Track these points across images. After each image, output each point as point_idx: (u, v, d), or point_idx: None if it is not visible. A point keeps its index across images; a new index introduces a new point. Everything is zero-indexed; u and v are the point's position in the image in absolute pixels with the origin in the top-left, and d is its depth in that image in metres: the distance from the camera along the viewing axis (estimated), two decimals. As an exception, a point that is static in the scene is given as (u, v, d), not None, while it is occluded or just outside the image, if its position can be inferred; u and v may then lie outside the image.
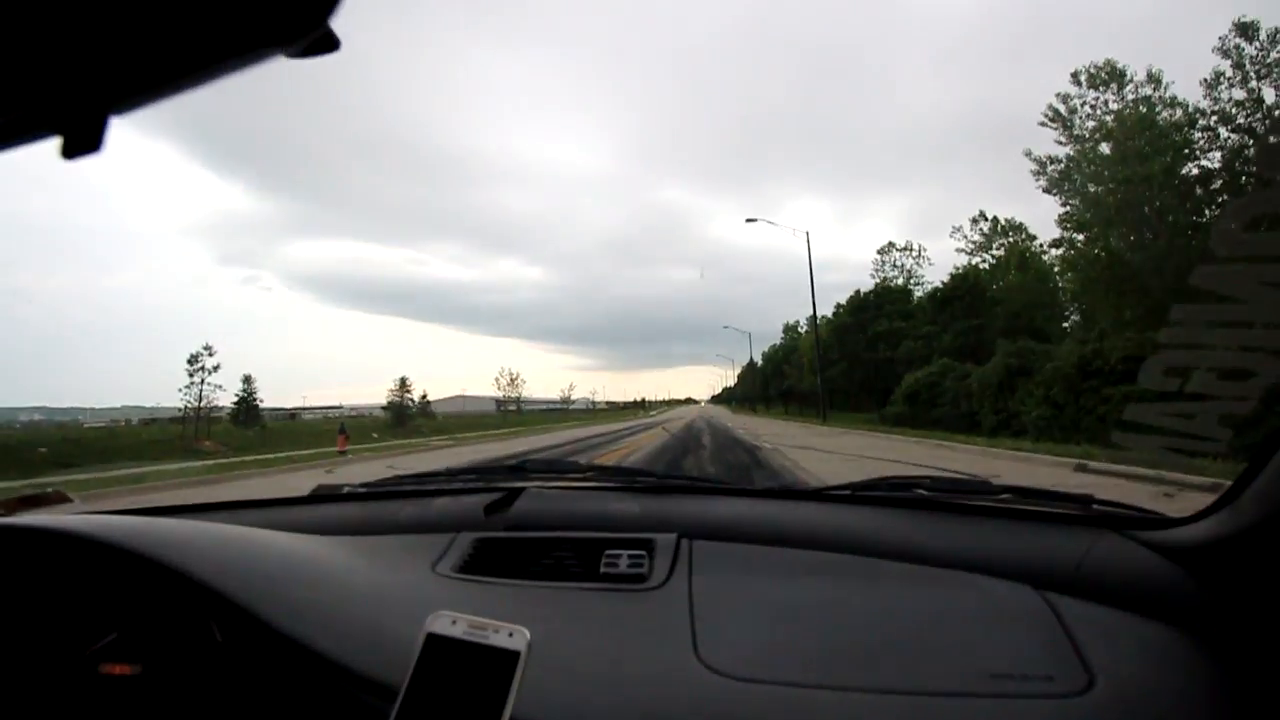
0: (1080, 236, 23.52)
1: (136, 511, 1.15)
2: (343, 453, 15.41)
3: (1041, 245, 30.30)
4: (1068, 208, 23.64)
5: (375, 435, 27.29)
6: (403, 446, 18.98)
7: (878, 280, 42.29)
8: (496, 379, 60.69)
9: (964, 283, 29.79)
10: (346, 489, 1.34)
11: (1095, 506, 0.99)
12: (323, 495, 1.34)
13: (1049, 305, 28.10)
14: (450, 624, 0.62)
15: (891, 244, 41.37)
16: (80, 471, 13.41)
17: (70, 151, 0.32)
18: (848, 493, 1.18)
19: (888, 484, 1.17)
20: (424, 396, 49.07)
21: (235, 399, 32.96)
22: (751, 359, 79.55)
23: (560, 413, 73.13)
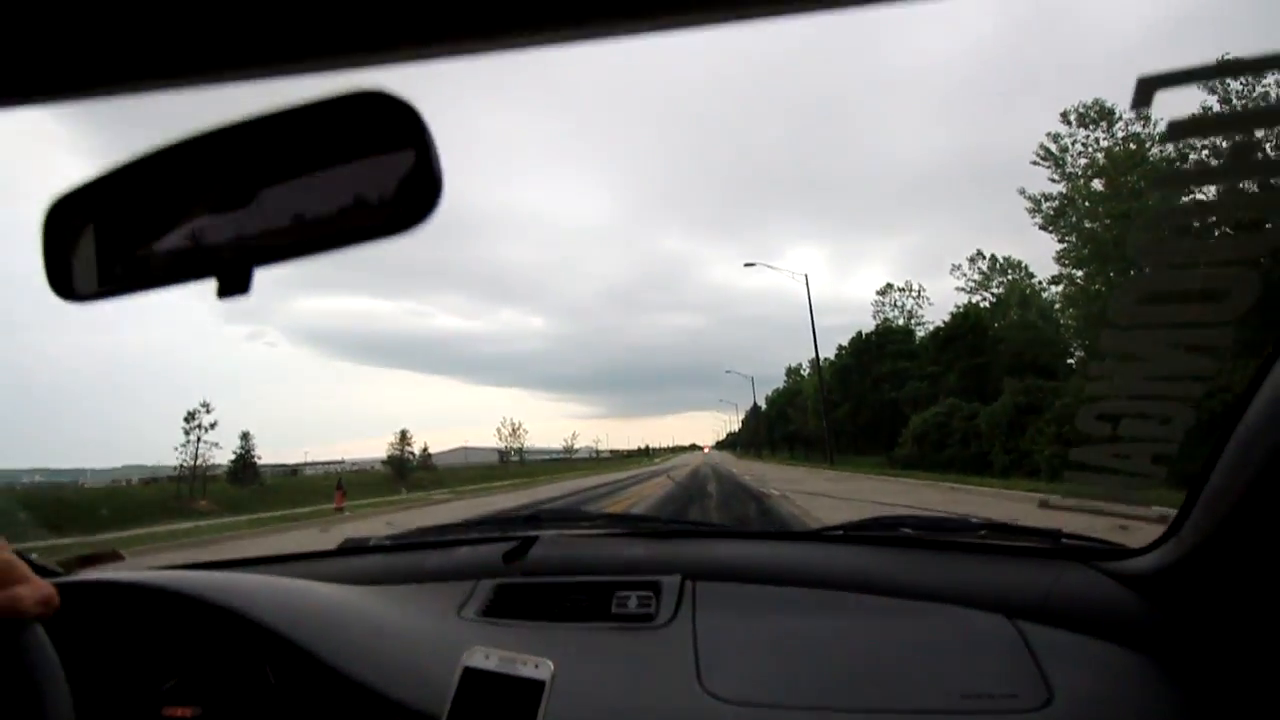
0: (1079, 273, 23.43)
1: (193, 567, 1.25)
2: (340, 509, 15.19)
3: (1041, 282, 30.45)
4: (1065, 244, 23.64)
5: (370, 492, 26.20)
6: (402, 502, 18.93)
7: (878, 321, 42.07)
8: (498, 429, 59.66)
9: (965, 321, 29.78)
10: (373, 542, 1.43)
11: (1064, 540, 1.07)
12: (351, 548, 1.43)
13: (1052, 342, 27.59)
14: (484, 658, 0.71)
15: (890, 285, 42.01)
16: (62, 536, 12.61)
17: (224, 292, 0.42)
18: (840, 533, 1.27)
19: (877, 524, 1.26)
20: (425, 449, 47.85)
21: (233, 456, 32.72)
22: (755, 404, 78.21)
23: (563, 462, 71.81)
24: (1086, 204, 22.52)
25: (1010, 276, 33.68)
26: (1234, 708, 0.74)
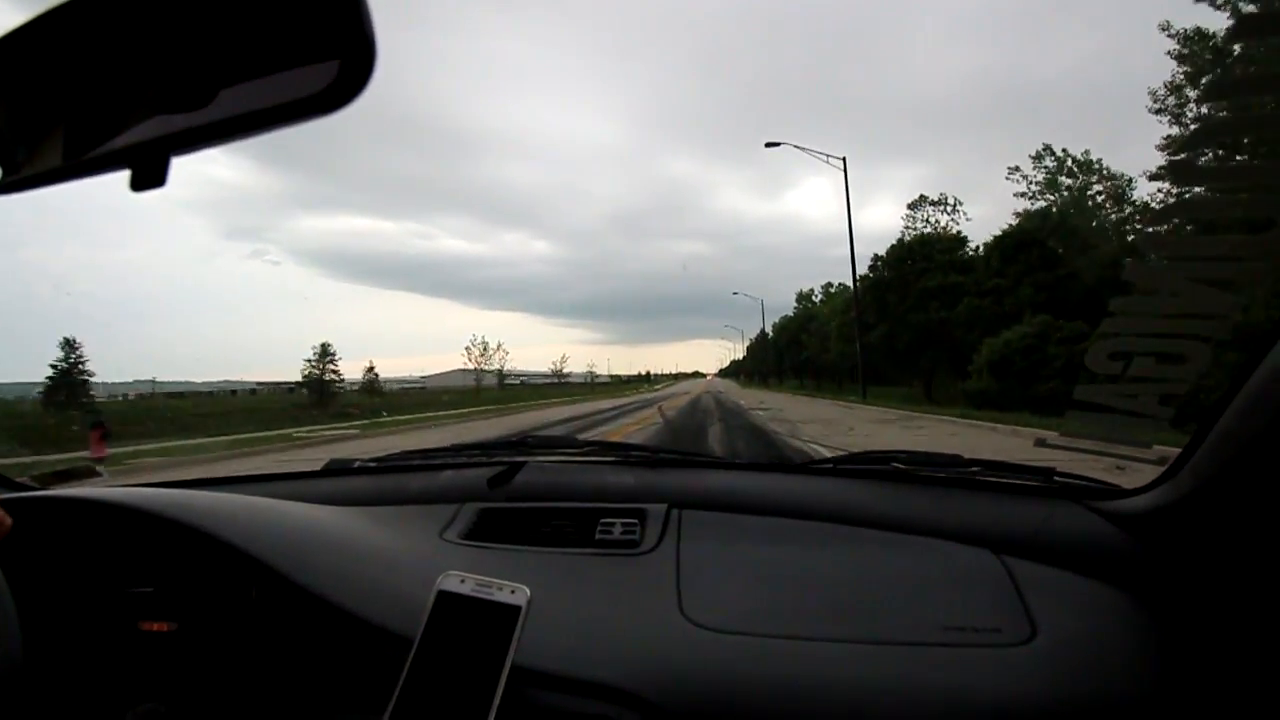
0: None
1: (165, 485, 1.24)
2: (98, 460, 7.88)
3: (1132, 180, 24.54)
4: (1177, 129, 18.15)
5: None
6: (259, 443, 12.69)
7: (910, 233, 34.60)
8: (467, 349, 49.70)
9: (1045, 223, 24.14)
10: (358, 463, 1.42)
11: (1056, 479, 1.05)
12: (335, 469, 1.42)
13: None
14: (459, 582, 0.70)
15: (924, 197, 33.38)
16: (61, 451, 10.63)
17: (138, 185, 0.37)
18: (830, 465, 1.25)
19: (867, 457, 1.25)
20: (370, 369, 39.87)
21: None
22: (763, 330, 73.65)
23: (552, 388, 66.80)
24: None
25: (1082, 179, 26.81)
26: (1215, 650, 0.74)
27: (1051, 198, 27.53)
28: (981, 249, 26.23)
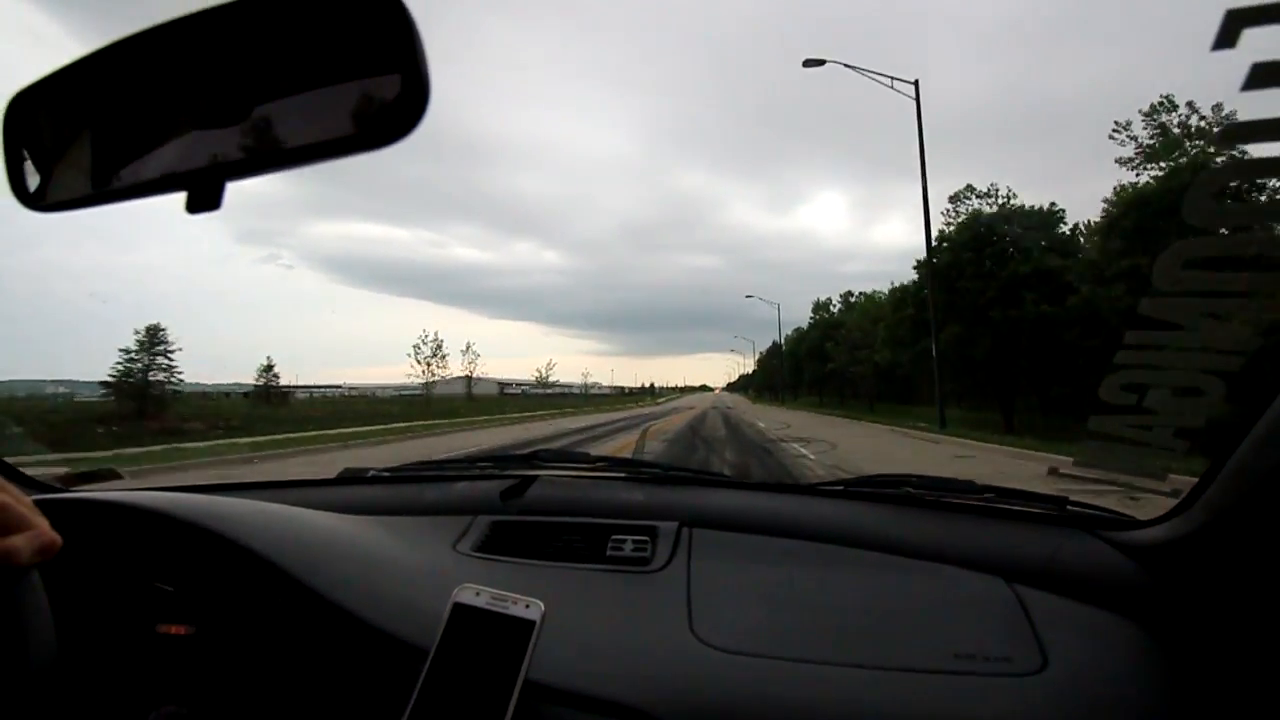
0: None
1: (184, 489, 1.26)
2: None
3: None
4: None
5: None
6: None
7: (950, 231, 28.37)
8: (415, 346, 38.87)
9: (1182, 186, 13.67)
10: (372, 472, 1.43)
11: (1069, 508, 1.05)
12: (350, 478, 1.43)
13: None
14: (474, 595, 0.71)
15: (970, 187, 27.25)
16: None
17: (193, 207, 0.39)
18: (840, 488, 1.25)
19: (879, 480, 1.25)
20: (268, 368, 33.80)
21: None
22: (775, 342, 67.06)
23: (545, 398, 59.74)
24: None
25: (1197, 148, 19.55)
26: (1225, 685, 0.74)
27: (1164, 166, 20.15)
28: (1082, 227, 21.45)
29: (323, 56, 0.38)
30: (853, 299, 50.53)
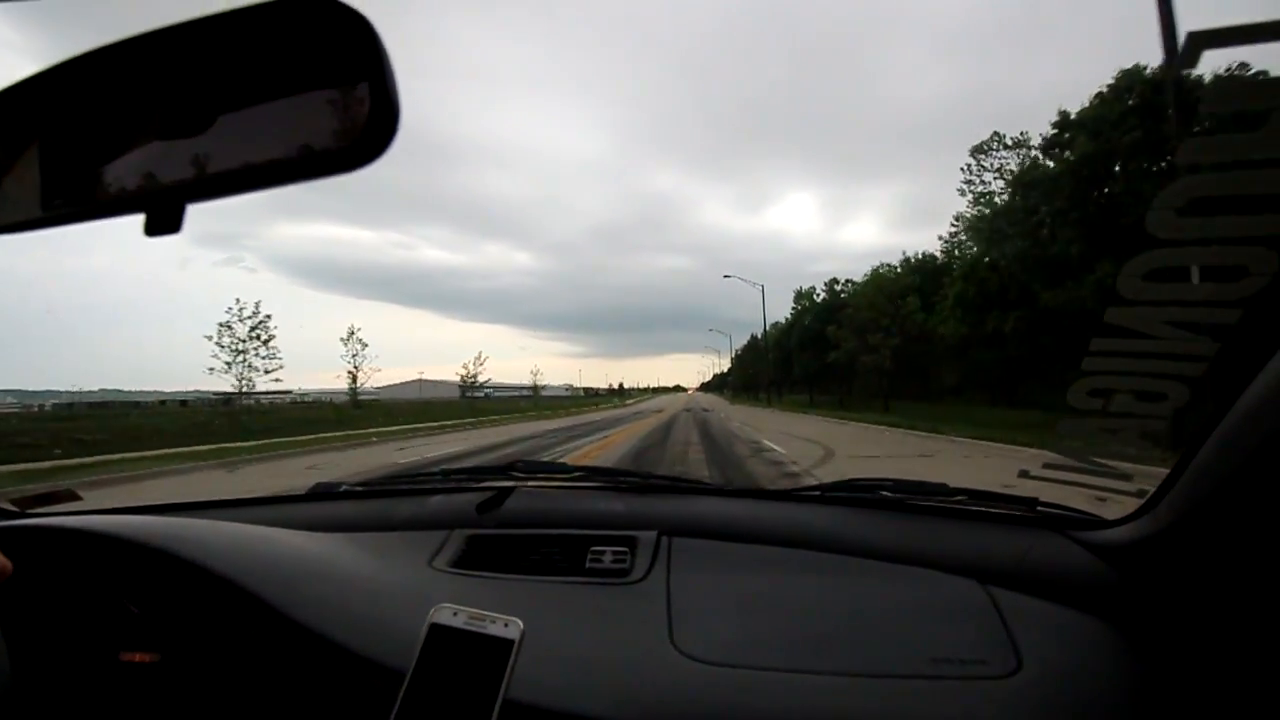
0: None
1: (148, 509, 1.22)
2: None
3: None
4: None
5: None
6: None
7: (972, 193, 26.38)
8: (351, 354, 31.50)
9: None
10: (344, 488, 1.40)
11: (1039, 508, 1.07)
12: (321, 494, 1.40)
13: None
14: (452, 615, 0.69)
15: (997, 135, 24.19)
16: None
17: (151, 230, 0.38)
18: (817, 493, 1.26)
19: (853, 485, 1.26)
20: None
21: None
22: (755, 337, 61.93)
23: (495, 402, 53.71)
24: None
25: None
26: (1195, 682, 0.75)
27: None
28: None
29: (287, 78, 0.36)
30: (840, 286, 41.82)
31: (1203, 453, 0.73)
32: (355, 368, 32.85)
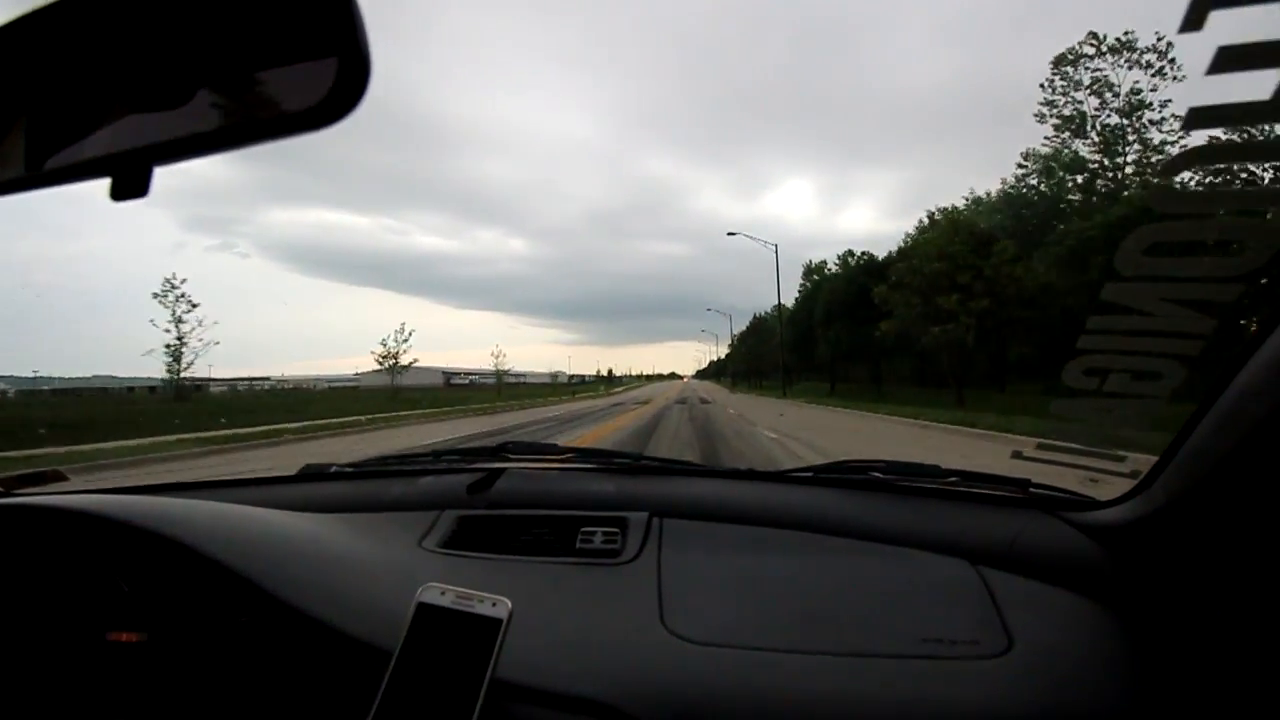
0: None
1: (135, 490, 1.20)
2: None
3: None
4: None
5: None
6: None
7: (1055, 116, 21.32)
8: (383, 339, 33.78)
9: None
10: (334, 468, 1.39)
11: (1031, 490, 1.07)
12: (311, 474, 1.39)
13: None
14: (439, 595, 0.69)
15: (1096, 36, 18.50)
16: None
17: (118, 194, 0.36)
18: (809, 474, 1.26)
19: (845, 467, 1.25)
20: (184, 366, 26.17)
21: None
22: (757, 317, 53.52)
23: (480, 389, 49.32)
24: None
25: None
26: (1189, 663, 0.76)
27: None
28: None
29: (255, 32, 0.35)
30: (853, 257, 35.44)
31: (1198, 433, 0.73)
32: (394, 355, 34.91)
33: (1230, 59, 0.48)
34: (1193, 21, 0.47)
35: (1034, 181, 22.89)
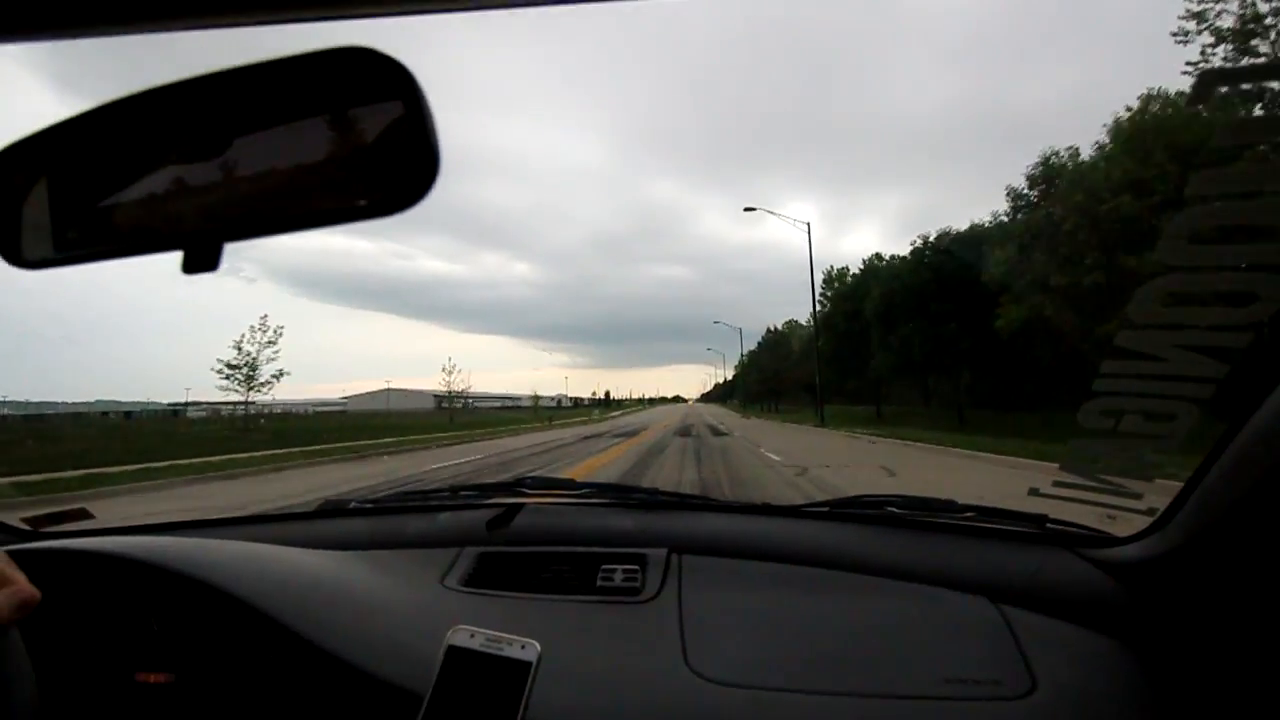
0: None
1: (160, 528, 1.22)
2: None
3: None
4: None
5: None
6: None
7: (1205, 27, 11.88)
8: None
9: None
10: (353, 504, 1.40)
11: (1049, 526, 1.07)
12: (330, 510, 1.40)
13: None
14: (469, 637, 0.70)
15: None
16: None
17: (190, 268, 0.39)
18: (826, 510, 1.26)
19: (861, 502, 1.26)
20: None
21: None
22: (772, 330, 47.47)
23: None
24: None
25: None
26: (1205, 701, 0.76)
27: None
28: None
29: (325, 117, 0.37)
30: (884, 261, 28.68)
31: (1214, 472, 0.74)
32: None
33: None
34: (1201, 96, 0.50)
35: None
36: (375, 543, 1.19)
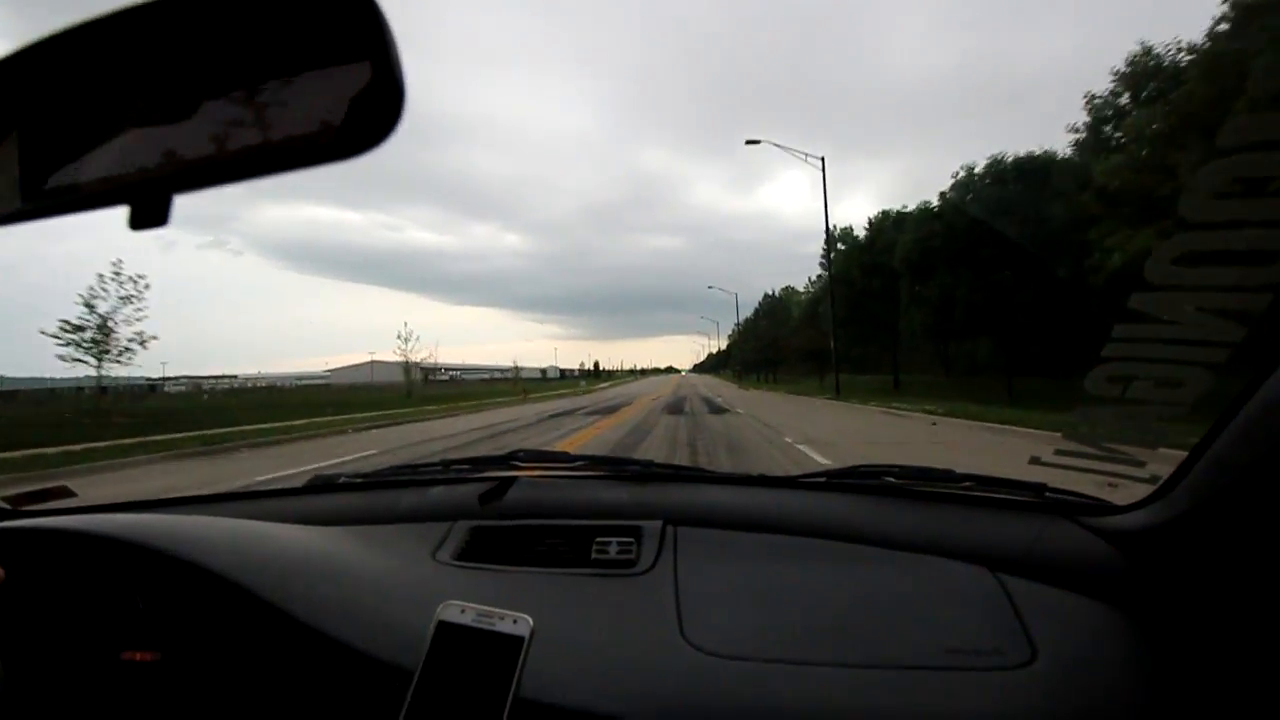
0: None
1: (144, 505, 1.19)
2: None
3: None
4: None
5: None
6: None
7: None
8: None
9: None
10: (343, 479, 1.38)
11: (1048, 494, 1.06)
12: (320, 485, 1.38)
13: None
14: (460, 612, 0.68)
15: None
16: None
17: (137, 223, 0.35)
18: (823, 480, 1.25)
19: (859, 472, 1.25)
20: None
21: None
22: (769, 296, 45.04)
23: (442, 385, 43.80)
24: None
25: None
26: (1209, 670, 0.75)
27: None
28: None
29: (280, 58, 0.34)
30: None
31: (1222, 439, 0.72)
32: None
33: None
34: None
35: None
36: (366, 518, 1.17)
